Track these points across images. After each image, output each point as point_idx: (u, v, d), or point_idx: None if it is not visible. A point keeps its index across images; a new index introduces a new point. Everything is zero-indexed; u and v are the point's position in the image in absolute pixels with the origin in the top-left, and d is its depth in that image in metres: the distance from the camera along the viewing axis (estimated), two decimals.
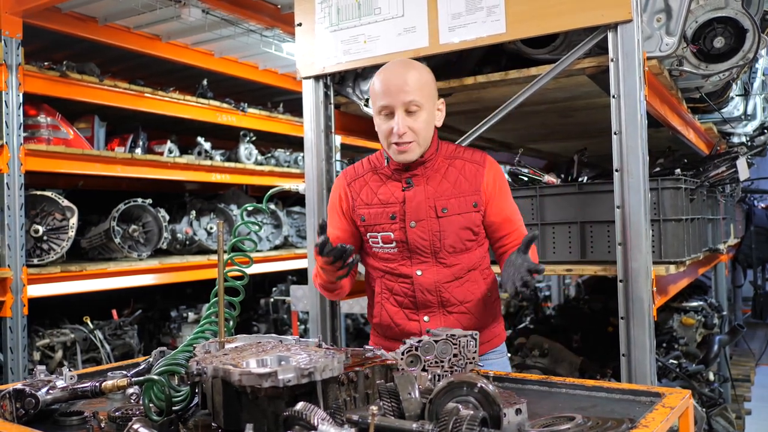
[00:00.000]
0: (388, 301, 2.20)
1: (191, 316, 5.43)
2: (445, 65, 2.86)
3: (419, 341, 1.70)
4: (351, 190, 2.24)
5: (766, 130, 4.97)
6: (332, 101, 2.99)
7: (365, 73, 2.88)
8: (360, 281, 2.41)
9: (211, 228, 5.42)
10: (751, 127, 4.69)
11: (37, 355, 4.19)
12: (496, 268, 2.27)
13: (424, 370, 1.68)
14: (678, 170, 2.84)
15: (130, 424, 1.35)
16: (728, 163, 3.57)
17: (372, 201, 2.18)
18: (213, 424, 1.45)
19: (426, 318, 2.15)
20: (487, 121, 2.59)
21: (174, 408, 1.49)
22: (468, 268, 2.15)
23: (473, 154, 2.19)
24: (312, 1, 2.89)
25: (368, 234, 2.19)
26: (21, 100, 3.93)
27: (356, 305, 4.73)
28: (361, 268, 2.34)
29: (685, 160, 3.90)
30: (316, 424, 1.20)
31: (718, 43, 2.96)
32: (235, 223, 5.49)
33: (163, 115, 4.97)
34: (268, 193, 2.12)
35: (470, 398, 1.28)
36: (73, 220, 4.16)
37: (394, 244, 2.15)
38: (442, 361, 1.70)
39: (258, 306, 6.39)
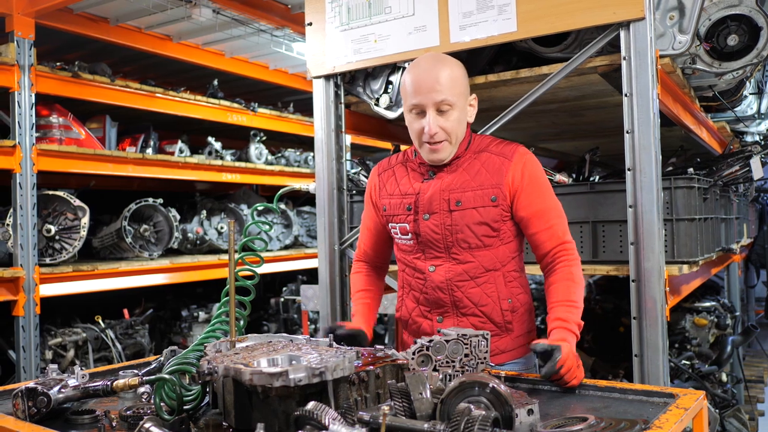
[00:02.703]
0: (408, 296, 2.18)
1: (202, 315, 5.45)
2: None
3: (430, 341, 1.69)
4: (380, 180, 2.24)
5: None
6: (342, 101, 2.99)
7: (376, 72, 2.87)
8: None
9: (221, 228, 5.44)
10: (764, 125, 4.65)
11: (49, 354, 4.21)
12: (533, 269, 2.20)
13: (435, 370, 1.68)
14: (691, 169, 2.82)
15: (141, 423, 1.35)
16: (741, 162, 3.54)
17: (394, 192, 2.17)
18: (224, 423, 1.45)
19: (439, 318, 2.10)
20: (498, 120, 2.58)
21: (185, 407, 1.50)
22: (486, 268, 2.05)
23: (504, 147, 2.09)
24: (322, 1, 2.89)
25: (389, 224, 2.19)
26: (33, 101, 3.96)
27: None
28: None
29: (698, 159, 3.87)
30: (327, 423, 1.20)
31: (732, 41, 2.93)
32: (246, 223, 5.51)
33: (174, 115, 4.99)
34: (279, 192, 2.12)
35: (482, 398, 1.28)
36: (85, 220, 4.19)
37: (409, 236, 2.12)
38: (453, 361, 1.70)
39: (268, 305, 6.40)
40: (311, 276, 6.50)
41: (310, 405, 1.24)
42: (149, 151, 5.01)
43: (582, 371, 1.80)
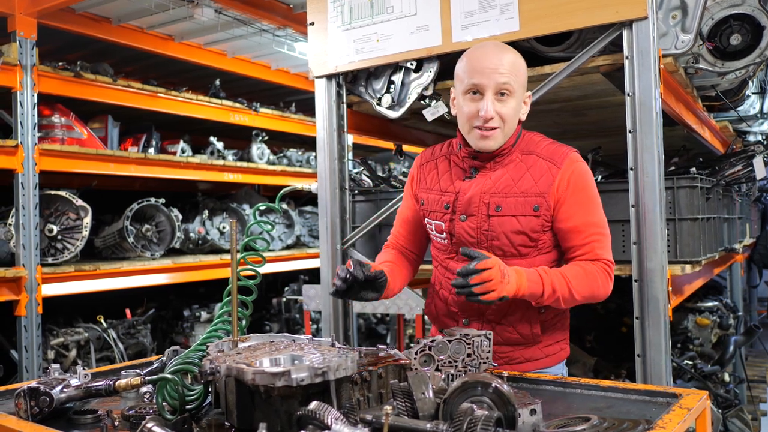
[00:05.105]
0: (437, 294, 2.11)
1: (204, 315, 5.45)
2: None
3: (432, 341, 1.69)
4: (420, 172, 2.14)
5: None
6: (345, 100, 2.99)
7: (378, 71, 2.87)
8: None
9: (223, 227, 5.44)
10: (767, 125, 4.64)
11: (51, 354, 4.21)
12: None
13: (437, 369, 1.67)
14: (693, 169, 2.81)
15: (143, 422, 1.35)
16: (744, 162, 3.53)
17: (434, 186, 2.06)
18: (226, 423, 1.45)
19: (465, 321, 2.01)
20: None
21: (187, 407, 1.50)
22: None
23: (555, 150, 1.96)
24: (324, 0, 2.89)
25: (425, 219, 2.09)
26: (35, 101, 3.96)
27: (368, 305, 4.72)
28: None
29: (701, 159, 3.86)
30: (329, 423, 1.19)
31: (735, 40, 2.93)
32: (248, 223, 5.51)
33: (176, 115, 4.99)
34: (281, 192, 2.12)
35: (485, 398, 1.27)
36: (87, 220, 4.19)
37: (444, 235, 2.02)
38: (455, 361, 1.69)
39: (270, 305, 6.40)
40: (313, 276, 6.49)
41: (313, 405, 1.24)
42: (151, 151, 5.01)
43: (503, 291, 1.72)
